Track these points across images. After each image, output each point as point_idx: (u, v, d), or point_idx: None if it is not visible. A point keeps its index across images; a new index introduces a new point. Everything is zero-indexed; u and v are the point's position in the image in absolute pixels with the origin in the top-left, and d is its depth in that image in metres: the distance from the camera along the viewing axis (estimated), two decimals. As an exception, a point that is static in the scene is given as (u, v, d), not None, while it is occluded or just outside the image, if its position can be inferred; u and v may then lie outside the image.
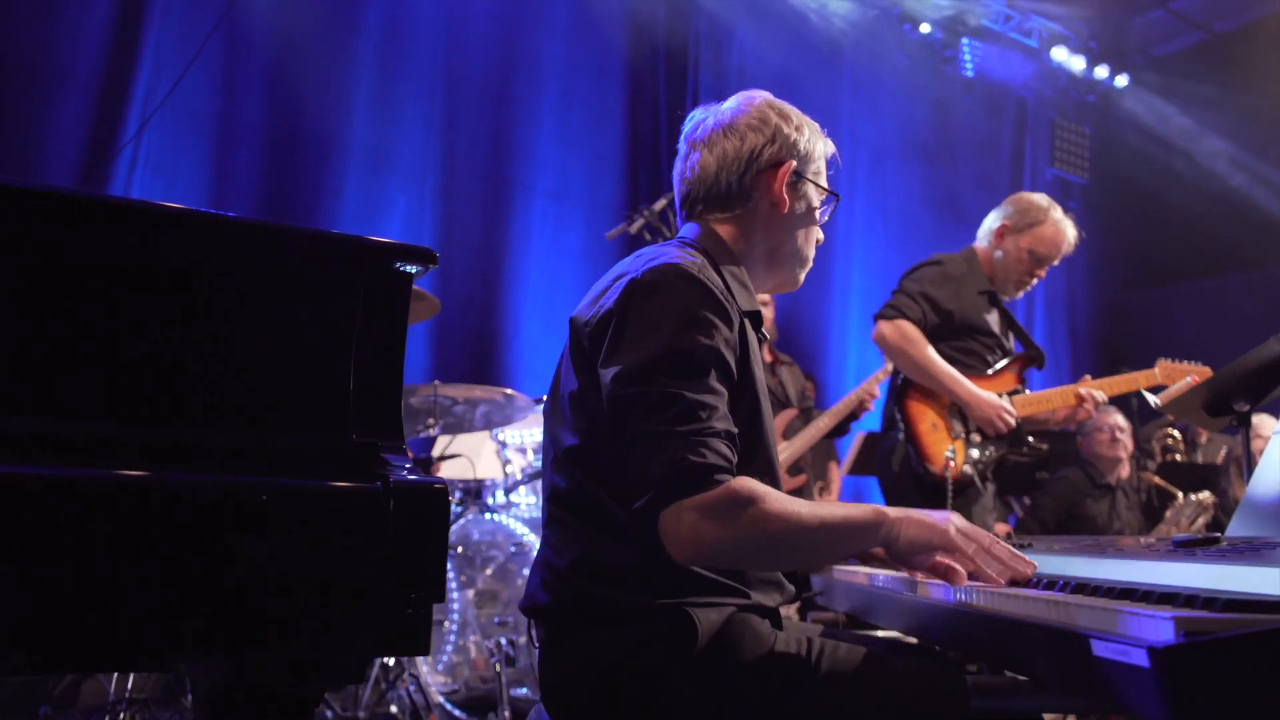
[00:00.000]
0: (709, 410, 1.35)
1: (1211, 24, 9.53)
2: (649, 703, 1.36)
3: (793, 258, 1.70)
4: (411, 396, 3.41)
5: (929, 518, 1.39)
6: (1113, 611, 0.99)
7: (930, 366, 3.15)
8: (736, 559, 1.41)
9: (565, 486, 1.49)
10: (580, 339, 1.48)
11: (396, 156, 6.30)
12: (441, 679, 3.51)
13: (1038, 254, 3.36)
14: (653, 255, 1.50)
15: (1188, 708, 0.84)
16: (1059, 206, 3.42)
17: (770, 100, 1.69)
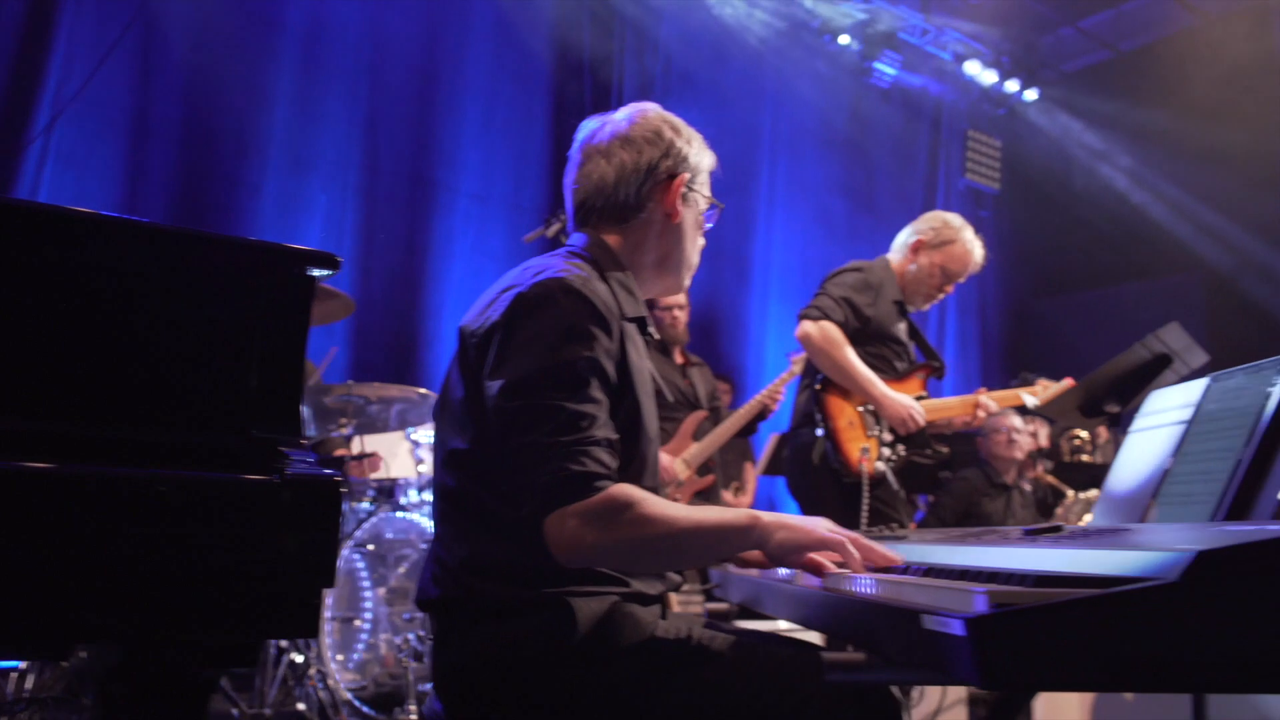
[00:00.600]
0: (589, 420, 1.43)
1: (1117, 43, 9.95)
2: (534, 691, 1.43)
3: (681, 264, 1.79)
4: (325, 396, 3.44)
5: (798, 521, 1.48)
6: (942, 589, 1.10)
7: (850, 368, 3.29)
8: (616, 561, 1.49)
9: (453, 486, 1.55)
10: (467, 348, 1.55)
11: (317, 155, 6.26)
12: (351, 676, 3.54)
13: (949, 271, 3.54)
14: (539, 268, 1.56)
15: (996, 669, 0.94)
16: (969, 227, 3.60)
17: (662, 113, 1.76)
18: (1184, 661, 0.96)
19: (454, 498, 1.56)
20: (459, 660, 1.50)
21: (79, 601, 1.07)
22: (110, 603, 1.06)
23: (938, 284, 3.54)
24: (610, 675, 1.42)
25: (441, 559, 1.56)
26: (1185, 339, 2.59)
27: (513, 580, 1.48)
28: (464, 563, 1.51)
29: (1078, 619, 0.95)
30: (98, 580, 1.07)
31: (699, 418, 4.64)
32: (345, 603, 3.64)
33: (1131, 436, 2.12)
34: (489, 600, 1.48)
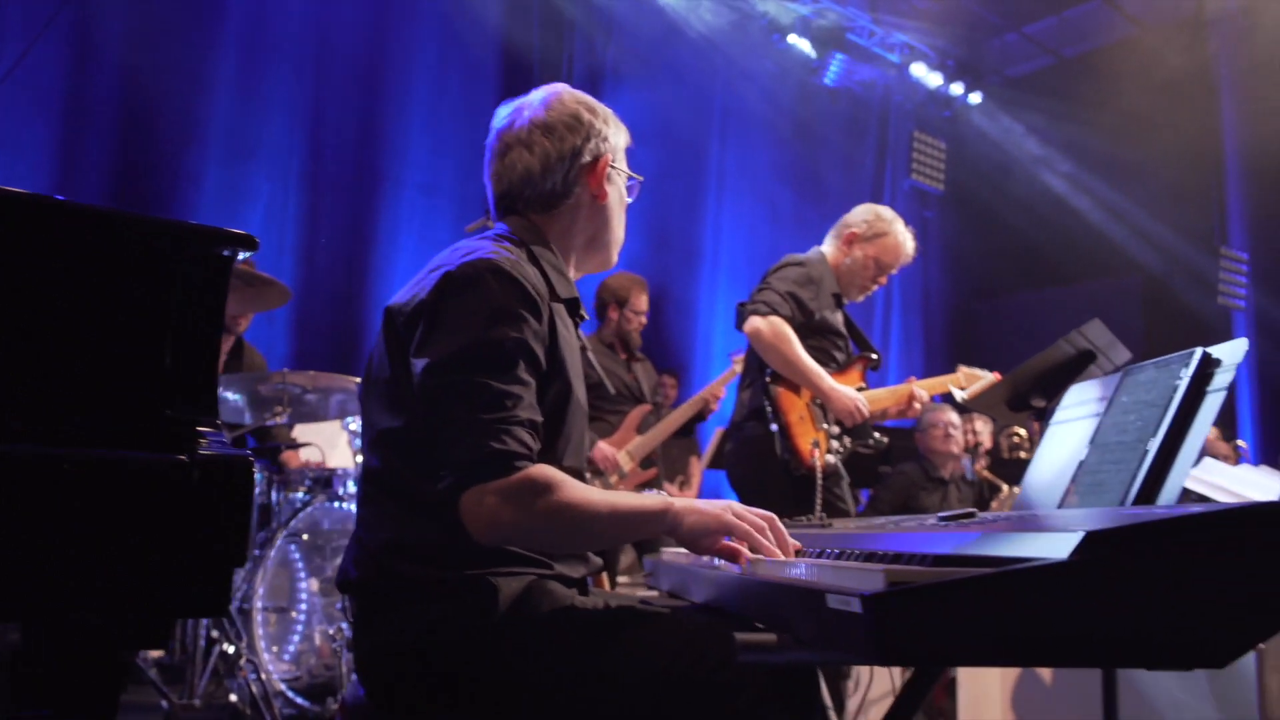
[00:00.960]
0: (514, 399, 1.44)
1: (1060, 49, 10.15)
2: (455, 671, 1.44)
3: (611, 241, 1.81)
4: (261, 384, 3.40)
5: (707, 507, 1.50)
6: (849, 570, 1.13)
7: (800, 362, 3.31)
8: (531, 540, 1.50)
9: (378, 467, 1.56)
10: (395, 327, 1.55)
11: (260, 143, 6.18)
12: (285, 667, 3.51)
13: (882, 263, 3.60)
14: (469, 250, 1.57)
15: (890, 644, 0.97)
16: (900, 219, 3.66)
17: (575, 95, 1.76)
18: (1074, 637, 1.00)
19: (378, 479, 1.56)
20: (380, 642, 1.50)
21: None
22: (11, 581, 1.05)
23: (872, 275, 3.59)
24: (528, 654, 1.43)
25: (363, 541, 1.56)
26: (1108, 336, 2.66)
27: (435, 561, 1.48)
28: (386, 544, 1.51)
29: (970, 596, 0.98)
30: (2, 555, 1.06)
31: (643, 411, 4.68)
32: (280, 593, 3.60)
33: (1052, 429, 2.18)
34: (410, 582, 1.48)
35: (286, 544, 3.60)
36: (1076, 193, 9.78)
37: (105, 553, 1.10)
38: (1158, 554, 1.00)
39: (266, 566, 3.48)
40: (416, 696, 1.47)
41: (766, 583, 1.34)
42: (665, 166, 8.02)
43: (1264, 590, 1.00)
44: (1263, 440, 8.64)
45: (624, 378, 4.75)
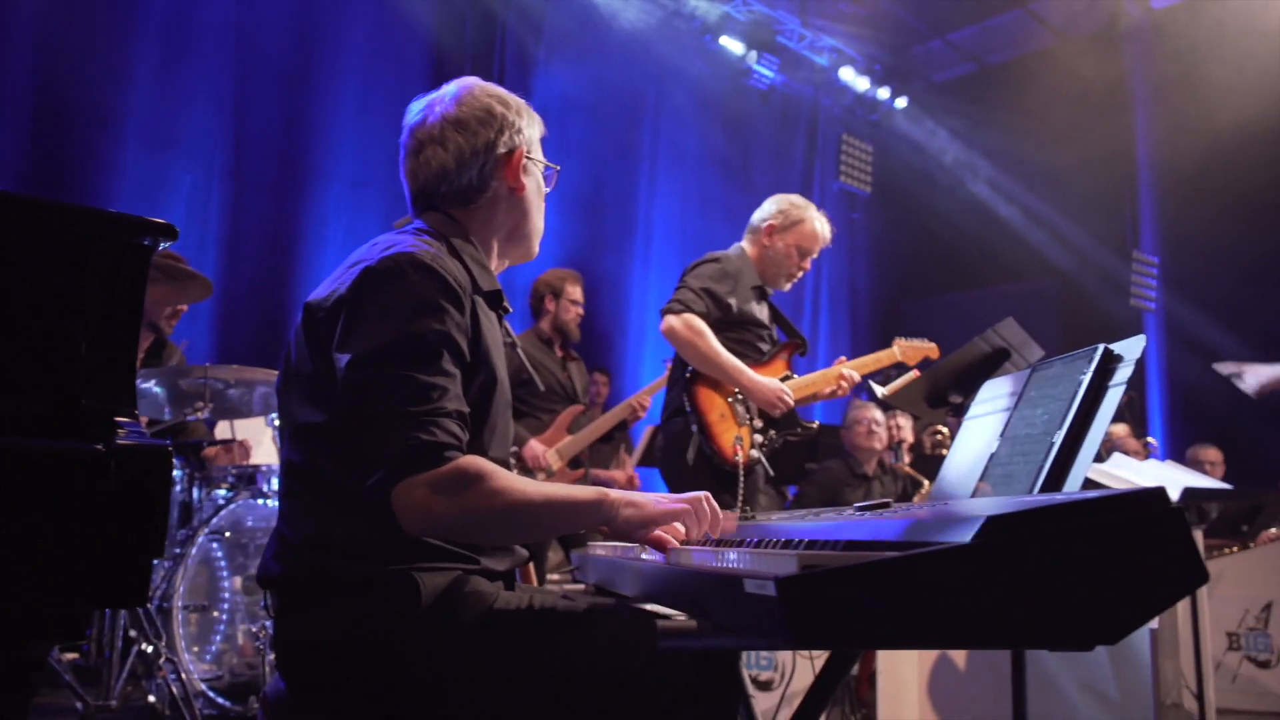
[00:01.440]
0: (440, 391, 1.44)
1: (983, 57, 10.42)
2: (377, 665, 1.44)
3: (531, 232, 1.81)
4: (181, 378, 3.33)
5: (643, 499, 1.54)
6: (765, 556, 1.16)
7: (716, 357, 3.33)
8: (464, 532, 1.50)
9: (299, 461, 1.55)
10: (315, 322, 1.54)
11: (181, 134, 6.04)
12: (206, 667, 3.44)
13: (804, 249, 3.66)
14: (389, 243, 1.57)
15: (804, 626, 1.00)
16: (812, 204, 3.72)
17: (488, 89, 1.76)
18: (977, 618, 1.04)
19: (300, 473, 1.55)
20: (301, 638, 1.49)
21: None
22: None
23: (796, 262, 3.66)
24: (451, 647, 1.43)
25: (284, 536, 1.55)
26: (1022, 334, 2.76)
27: (357, 556, 1.48)
28: (308, 539, 1.50)
29: (878, 578, 1.02)
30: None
31: (575, 412, 4.70)
32: (201, 592, 3.53)
33: (966, 423, 2.25)
34: (331, 576, 1.48)
35: (208, 542, 3.53)
36: (997, 197, 10.05)
37: (17, 543, 1.08)
38: (1053, 537, 1.05)
39: (187, 565, 3.41)
40: (339, 690, 1.47)
41: (688, 571, 1.37)
42: (597, 164, 8.04)
43: (1150, 570, 1.06)
44: (1171, 437, 8.98)
45: (558, 376, 4.77)
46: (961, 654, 3.03)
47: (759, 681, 3.48)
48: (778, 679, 3.48)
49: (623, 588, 1.92)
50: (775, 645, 1.22)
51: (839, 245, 10.55)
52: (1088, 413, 1.72)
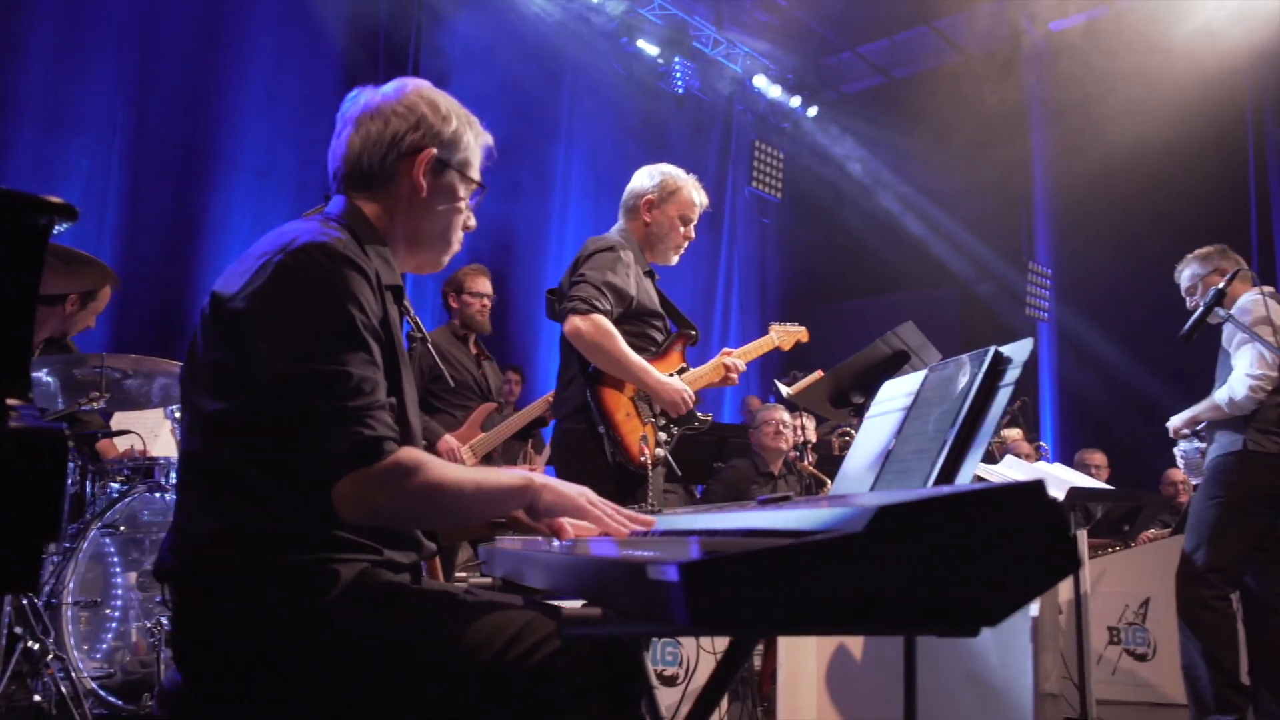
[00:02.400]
0: (371, 384, 1.45)
1: (891, 69, 10.70)
2: (279, 658, 1.42)
3: (435, 241, 1.78)
4: (76, 367, 3.21)
5: (565, 488, 1.59)
6: (668, 544, 1.20)
7: (624, 359, 3.22)
8: (403, 520, 1.54)
9: (201, 453, 1.52)
10: (223, 313, 1.51)
11: (79, 116, 5.82)
12: (97, 665, 3.33)
13: (686, 216, 3.55)
14: (295, 234, 1.54)
15: (703, 611, 1.03)
16: (683, 171, 3.62)
17: (422, 89, 1.75)
18: (869, 604, 1.09)
19: (201, 464, 1.52)
20: (201, 631, 1.47)
21: None
22: None
23: (681, 232, 3.56)
24: (355, 639, 1.42)
25: (183, 528, 1.52)
26: (920, 337, 2.86)
27: (258, 547, 1.46)
28: (208, 531, 1.48)
29: (776, 565, 1.06)
30: None
31: (489, 409, 4.69)
32: (93, 588, 3.42)
33: (866, 422, 2.33)
34: (232, 568, 1.46)
35: (100, 536, 3.42)
36: (901, 207, 10.34)
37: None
38: (940, 527, 1.10)
39: (78, 559, 3.30)
40: (239, 684, 1.45)
41: (593, 560, 1.39)
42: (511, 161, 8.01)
43: (1028, 557, 1.12)
44: (1061, 441, 9.37)
45: (473, 372, 4.77)
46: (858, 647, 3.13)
47: (664, 676, 3.53)
48: (682, 674, 3.52)
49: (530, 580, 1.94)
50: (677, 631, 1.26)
51: (750, 250, 10.75)
52: (978, 412, 1.80)
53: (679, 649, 3.53)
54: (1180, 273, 4.18)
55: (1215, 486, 3.86)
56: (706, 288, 10.01)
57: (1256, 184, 8.68)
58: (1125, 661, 5.36)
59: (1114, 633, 5.40)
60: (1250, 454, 3.78)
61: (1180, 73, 8.21)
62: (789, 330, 3.99)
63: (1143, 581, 5.24)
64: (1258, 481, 3.77)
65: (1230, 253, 4.07)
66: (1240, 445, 3.80)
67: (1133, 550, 5.76)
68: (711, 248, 10.05)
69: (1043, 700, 2.61)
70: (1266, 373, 3.73)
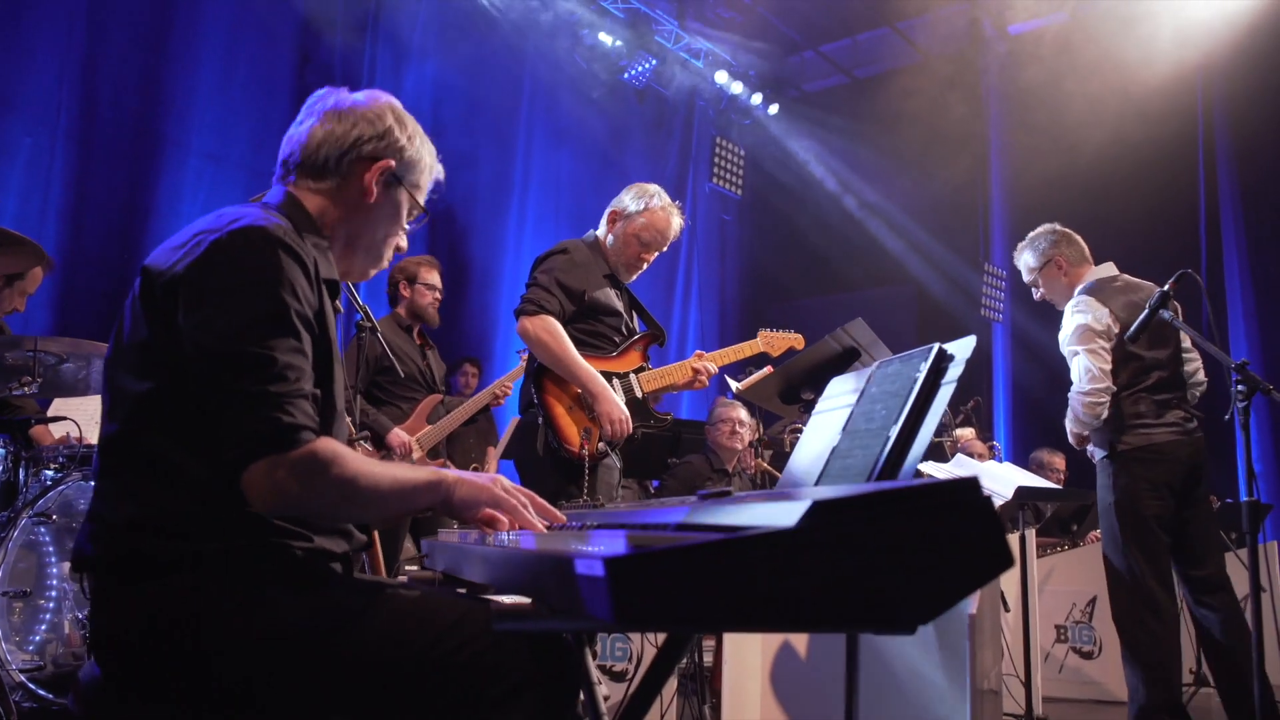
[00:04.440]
0: (297, 372, 1.42)
1: (853, 69, 10.75)
2: (199, 649, 1.38)
3: (368, 251, 1.77)
4: (8, 351, 3.11)
5: (478, 480, 1.56)
6: (599, 537, 1.17)
7: (569, 362, 3.28)
8: (315, 512, 1.50)
9: (122, 435, 1.48)
10: (153, 289, 1.48)
11: (21, 95, 5.67)
12: (28, 657, 3.24)
13: (644, 239, 3.56)
14: (235, 215, 1.52)
15: (630, 607, 1.00)
16: (665, 195, 3.64)
17: (394, 105, 1.76)
18: (803, 601, 1.06)
19: (122, 448, 1.48)
20: (119, 622, 1.42)
21: None
22: None
23: (636, 253, 3.57)
24: (274, 630, 1.39)
25: (101, 515, 1.47)
26: (870, 334, 2.86)
27: (180, 535, 1.42)
28: (127, 519, 1.43)
29: (706, 560, 1.03)
30: None
31: (434, 401, 4.65)
32: (24, 578, 3.32)
33: (814, 418, 2.32)
34: (152, 557, 1.42)
35: (33, 525, 3.32)
36: (860, 206, 10.39)
37: None
38: (875, 521, 1.09)
39: (7, 548, 3.20)
40: (158, 676, 1.40)
41: (525, 554, 1.36)
42: (470, 151, 7.95)
43: (962, 553, 1.11)
44: (1014, 441, 9.47)
45: (419, 363, 4.72)
46: (803, 644, 3.12)
47: (613, 672, 3.50)
48: (631, 669, 3.51)
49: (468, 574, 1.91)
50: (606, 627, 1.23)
51: (710, 246, 10.75)
52: (921, 408, 1.79)
53: (628, 645, 3.51)
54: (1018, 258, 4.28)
55: (1104, 494, 3.85)
56: (666, 283, 10.00)
57: (1206, 188, 8.84)
58: (1072, 659, 5.43)
59: (1061, 631, 5.46)
60: (1120, 455, 3.80)
61: (1136, 78, 8.33)
62: (781, 336, 3.97)
63: (1090, 580, 5.31)
64: (1137, 478, 3.75)
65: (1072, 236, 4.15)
66: (1108, 449, 3.84)
67: (1081, 549, 5.83)
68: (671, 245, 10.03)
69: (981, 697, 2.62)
70: (1095, 385, 3.77)
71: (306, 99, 1.77)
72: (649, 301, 3.88)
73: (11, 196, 5.60)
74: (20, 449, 3.42)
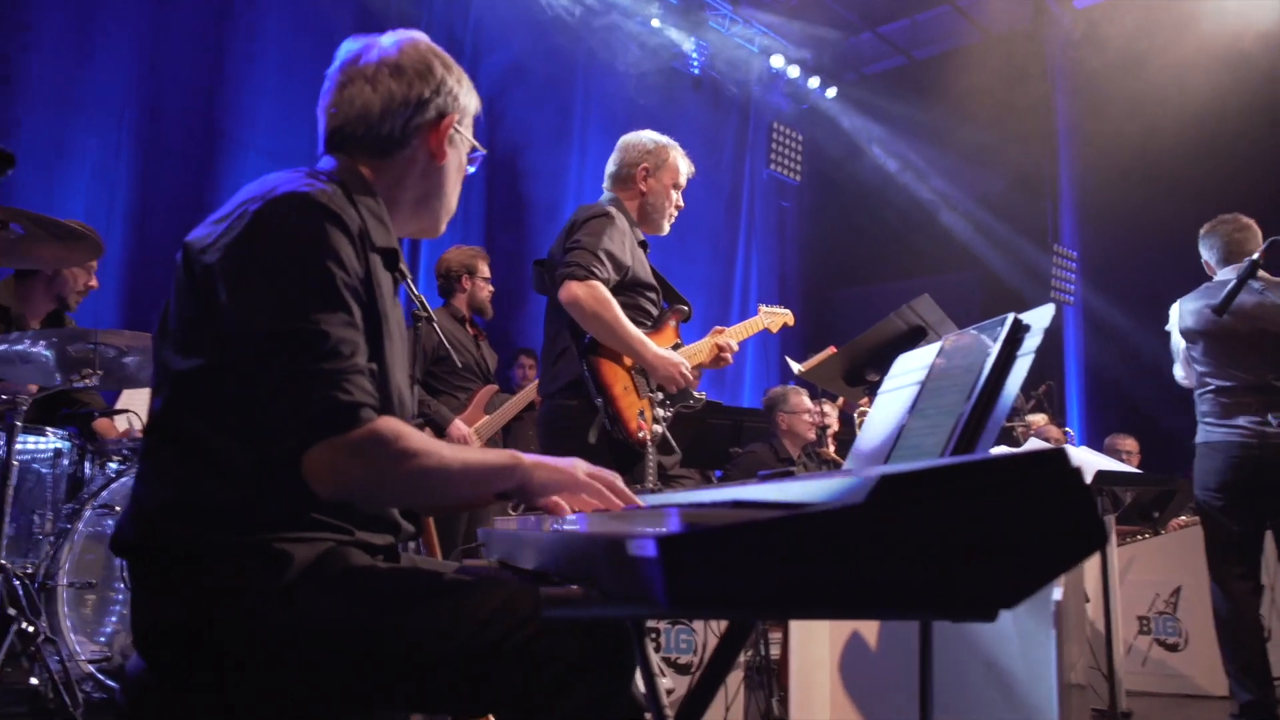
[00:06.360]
0: (350, 346, 1.35)
1: (912, 50, 10.52)
2: (241, 641, 1.33)
3: (441, 207, 1.70)
4: (70, 344, 3.15)
5: (558, 463, 1.47)
6: (648, 517, 1.09)
7: (624, 330, 3.08)
8: (380, 496, 1.42)
9: (164, 415, 1.43)
10: (195, 265, 1.41)
11: (87, 95, 5.77)
12: (97, 648, 3.28)
13: (679, 184, 3.51)
14: (277, 183, 1.44)
15: (683, 590, 0.93)
16: (665, 136, 3.59)
17: (432, 45, 1.66)
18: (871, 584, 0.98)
19: (164, 428, 1.43)
20: (158, 611, 1.38)
21: None
22: None
23: (673, 200, 3.49)
24: (317, 622, 1.33)
25: (139, 499, 1.43)
26: (938, 312, 2.74)
27: (218, 523, 1.36)
28: (164, 505, 1.39)
29: (766, 539, 0.95)
30: None
31: (491, 391, 4.64)
32: (92, 569, 3.36)
33: (880, 398, 2.22)
34: (190, 544, 1.36)
35: (98, 517, 3.36)
36: (923, 188, 10.16)
37: None
38: (950, 497, 1.00)
39: (74, 541, 3.24)
40: (200, 668, 1.35)
41: (577, 537, 1.29)
42: (525, 145, 7.93)
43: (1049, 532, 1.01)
44: (1088, 427, 9.19)
45: (474, 353, 4.73)
46: (873, 634, 3.02)
47: (678, 664, 3.43)
48: (696, 661, 3.43)
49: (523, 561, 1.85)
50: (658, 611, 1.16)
51: (768, 232, 10.60)
52: (996, 383, 1.68)
53: (693, 636, 3.43)
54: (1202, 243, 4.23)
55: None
56: (724, 272, 9.88)
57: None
58: (1156, 651, 5.22)
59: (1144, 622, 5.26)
60: (1200, 446, 3.96)
61: (1210, 50, 7.99)
62: (775, 312, 3.95)
63: (1173, 570, 5.11)
64: (1207, 471, 3.90)
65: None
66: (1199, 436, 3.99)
67: (1163, 537, 5.61)
68: (729, 232, 9.91)
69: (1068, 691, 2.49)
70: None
71: (336, 56, 1.65)
72: (706, 291, 3.82)
73: (80, 197, 5.71)
74: (86, 442, 3.46)
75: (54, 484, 3.41)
